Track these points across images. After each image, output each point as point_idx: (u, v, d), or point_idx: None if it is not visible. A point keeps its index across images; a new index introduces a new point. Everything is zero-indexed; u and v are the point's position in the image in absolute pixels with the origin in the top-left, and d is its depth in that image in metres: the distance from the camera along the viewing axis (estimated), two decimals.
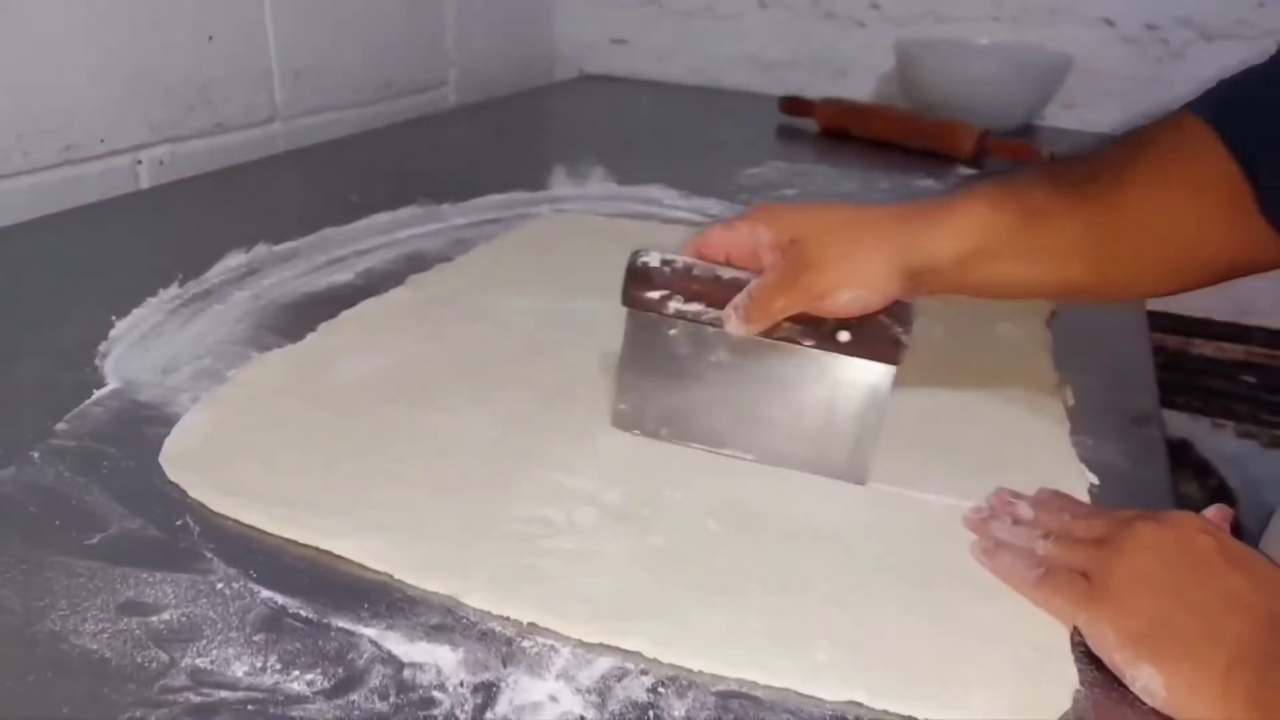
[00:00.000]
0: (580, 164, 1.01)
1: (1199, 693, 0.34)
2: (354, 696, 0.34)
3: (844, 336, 0.48)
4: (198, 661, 0.35)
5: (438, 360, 0.58)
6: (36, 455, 0.47)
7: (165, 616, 0.37)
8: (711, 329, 0.49)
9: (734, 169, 1.05)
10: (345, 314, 0.64)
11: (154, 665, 0.35)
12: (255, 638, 0.36)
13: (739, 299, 0.48)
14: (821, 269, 0.46)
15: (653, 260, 0.50)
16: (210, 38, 0.98)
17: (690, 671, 0.36)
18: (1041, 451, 0.52)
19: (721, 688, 0.35)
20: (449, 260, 0.75)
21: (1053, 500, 0.45)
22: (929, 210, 0.49)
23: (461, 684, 0.35)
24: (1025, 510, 0.44)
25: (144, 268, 0.70)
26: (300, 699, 0.34)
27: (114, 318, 0.61)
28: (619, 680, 0.35)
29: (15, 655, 0.35)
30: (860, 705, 0.35)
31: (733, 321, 0.48)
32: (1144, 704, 0.36)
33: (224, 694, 0.34)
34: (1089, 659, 0.38)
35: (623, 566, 0.41)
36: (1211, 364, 1.32)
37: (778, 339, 0.48)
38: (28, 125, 0.83)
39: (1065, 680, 0.37)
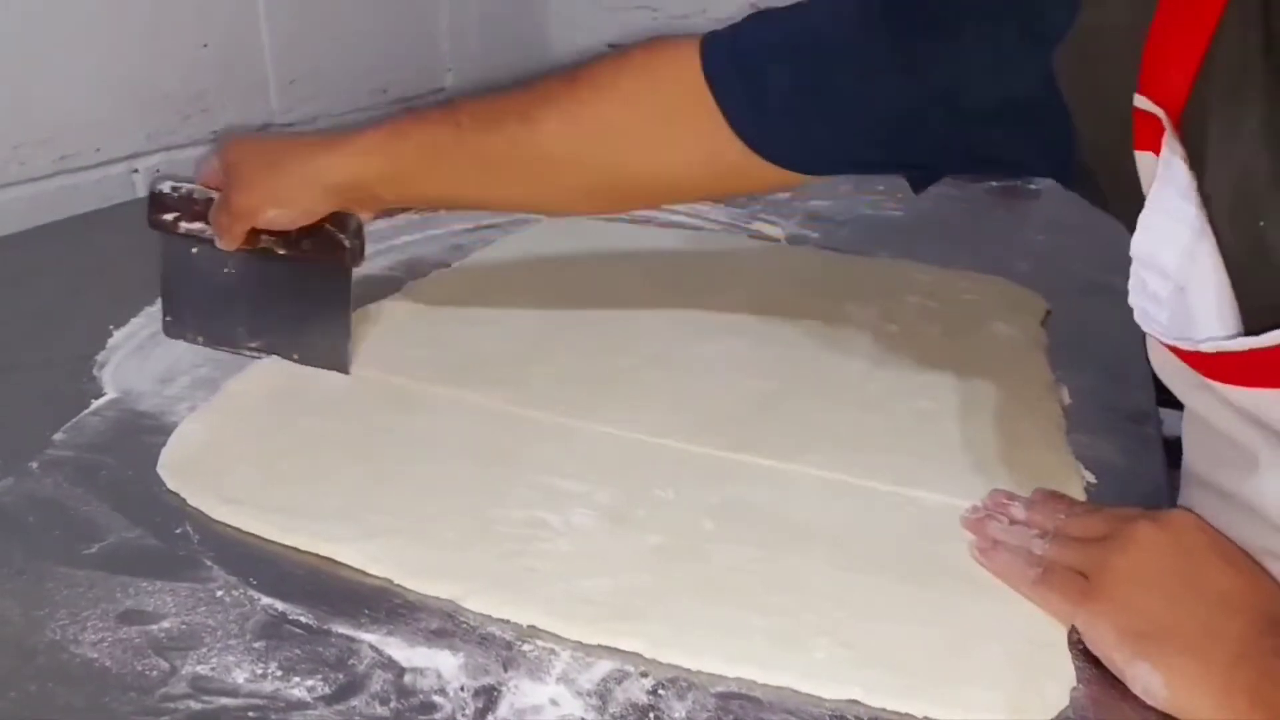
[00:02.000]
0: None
1: (1201, 691, 0.34)
2: (355, 702, 0.34)
3: (306, 245, 0.56)
4: (198, 669, 0.35)
5: (434, 366, 0.59)
6: (35, 465, 0.47)
7: (165, 625, 0.37)
8: (215, 246, 0.57)
9: None
10: None
11: (155, 673, 0.35)
12: (255, 645, 0.36)
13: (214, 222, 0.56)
14: (249, 189, 0.54)
15: (165, 188, 0.58)
16: (205, 46, 0.98)
17: (690, 672, 0.36)
18: (1038, 450, 0.52)
19: (721, 688, 0.36)
20: (446, 266, 0.75)
21: (1046, 500, 0.45)
22: (342, 138, 0.55)
23: (462, 688, 0.35)
24: (1019, 511, 0.45)
25: (141, 277, 0.69)
26: (301, 705, 0.34)
27: (112, 327, 0.62)
28: (619, 683, 0.36)
29: (16, 665, 0.35)
30: (859, 704, 0.35)
31: (218, 238, 0.56)
32: (1141, 702, 0.36)
33: (225, 701, 0.34)
34: (1086, 657, 0.38)
35: (621, 568, 0.41)
36: None
37: (260, 250, 0.56)
38: (23, 135, 0.83)
39: (1063, 678, 0.37)
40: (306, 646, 0.37)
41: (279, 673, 0.35)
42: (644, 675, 0.36)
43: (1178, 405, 0.43)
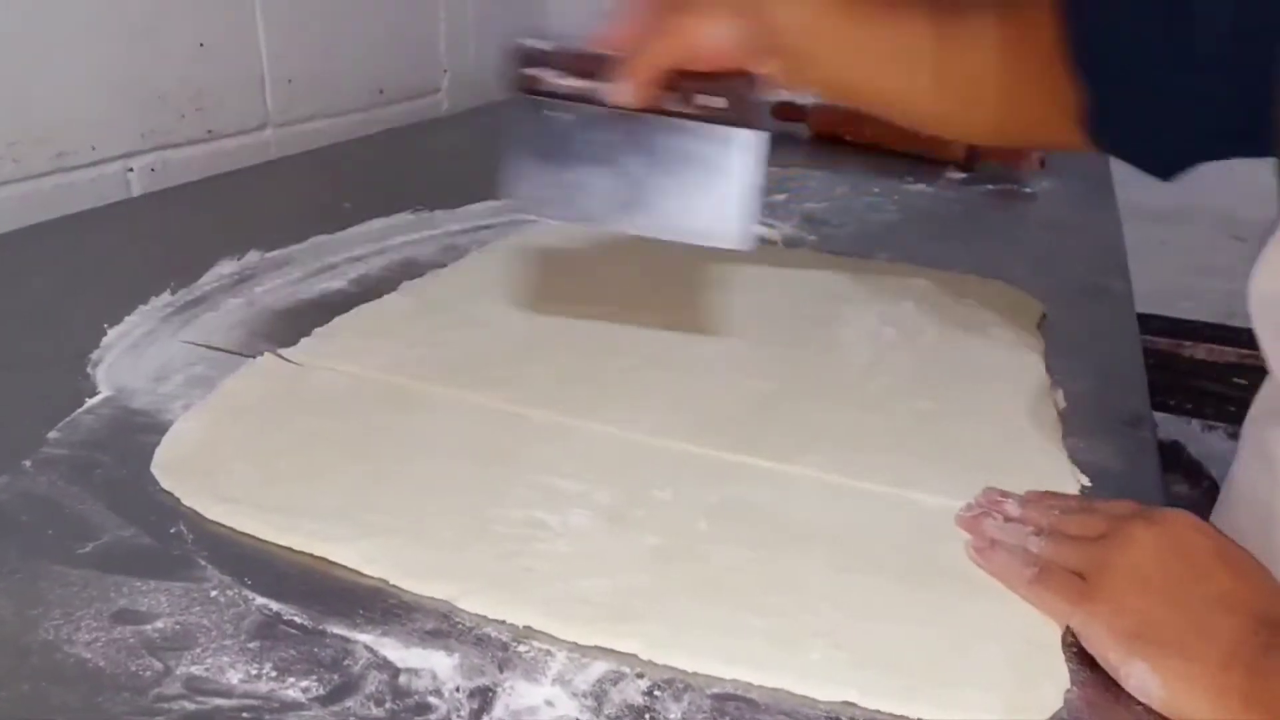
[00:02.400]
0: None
1: (1194, 690, 0.35)
2: (350, 703, 0.34)
3: (719, 103, 0.49)
4: (192, 669, 0.35)
5: (430, 365, 0.58)
6: (29, 464, 0.47)
7: (159, 624, 0.37)
8: (597, 107, 0.49)
9: None
10: (338, 320, 0.64)
11: (148, 674, 0.35)
12: (250, 645, 0.36)
13: (623, 66, 0.48)
14: (688, 9, 0.48)
15: (537, 43, 0.51)
16: (202, 45, 0.98)
17: (686, 674, 0.36)
18: (1033, 453, 0.53)
19: (717, 690, 0.36)
20: (442, 267, 0.75)
21: (1041, 498, 0.45)
22: None
23: (457, 689, 0.35)
24: (1013, 508, 0.45)
25: (136, 275, 0.70)
26: (296, 706, 0.34)
27: (106, 325, 0.61)
28: (615, 684, 0.36)
29: (9, 665, 0.35)
30: (854, 705, 0.35)
31: (614, 90, 0.48)
32: (1136, 703, 0.36)
33: (219, 702, 0.34)
34: (1081, 658, 0.38)
35: (618, 568, 0.41)
36: (1202, 366, 1.32)
37: (659, 111, 0.49)
38: (19, 132, 0.82)
39: (1057, 679, 0.37)
40: (301, 647, 0.36)
41: (274, 673, 0.35)
42: (640, 676, 0.36)
43: (1173, 409, 0.44)
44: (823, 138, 1.26)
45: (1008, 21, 0.52)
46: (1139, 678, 0.36)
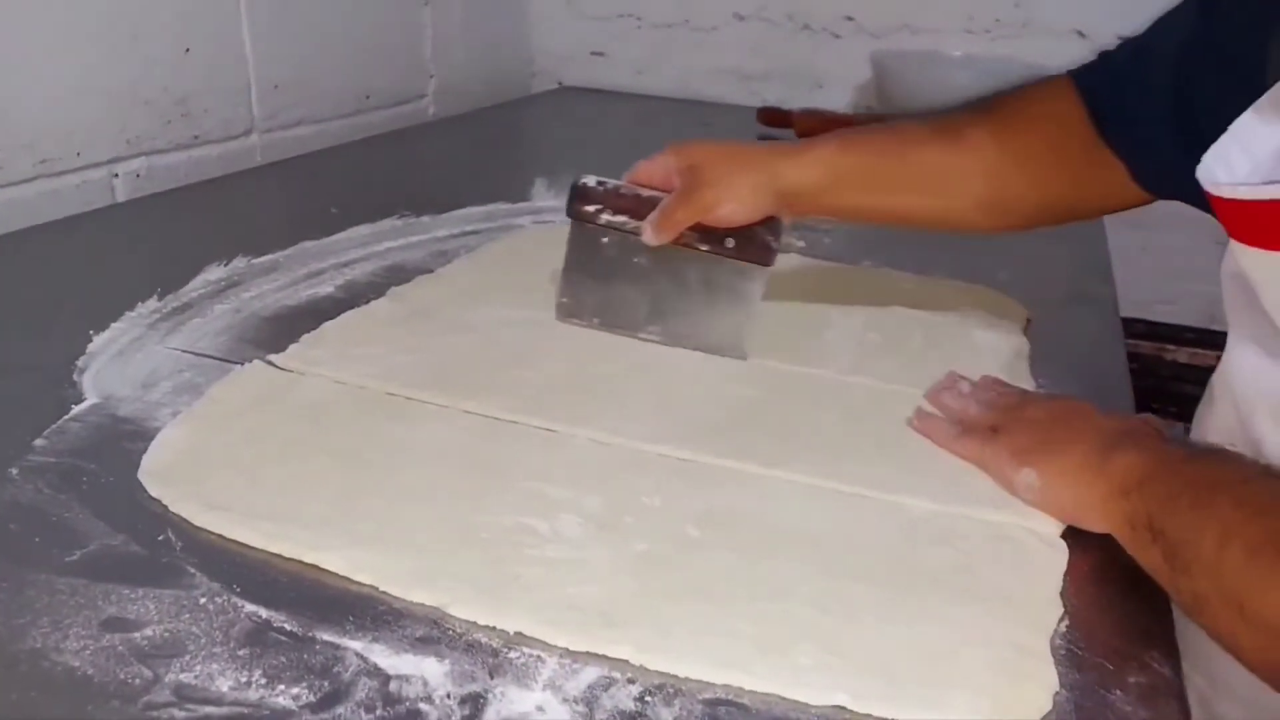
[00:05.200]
0: (560, 175, 1.01)
1: (1063, 477, 0.46)
2: (340, 710, 0.34)
3: (730, 243, 0.62)
4: (182, 677, 0.35)
5: (419, 372, 0.58)
6: (15, 472, 0.47)
7: (148, 632, 0.37)
8: (634, 238, 0.62)
9: None
10: (326, 326, 0.64)
11: (138, 682, 0.35)
12: (240, 652, 0.36)
13: (653, 214, 0.61)
14: (710, 186, 0.60)
15: (591, 182, 0.63)
16: (188, 50, 0.98)
17: (677, 679, 0.36)
18: None
19: (708, 695, 0.36)
20: (430, 272, 0.75)
21: (989, 381, 0.57)
22: (796, 148, 0.63)
23: (448, 696, 0.35)
24: (966, 386, 0.57)
25: (122, 282, 0.69)
26: (286, 713, 0.34)
27: (92, 332, 0.61)
28: (606, 690, 0.36)
29: None
30: (845, 710, 0.35)
31: (647, 231, 0.61)
32: (1124, 706, 0.36)
33: (209, 709, 0.34)
34: (1069, 662, 0.38)
35: (608, 575, 0.41)
36: (1185, 369, 1.33)
37: (682, 245, 0.62)
38: (3, 138, 0.82)
39: (1045, 682, 0.37)
40: (291, 654, 0.36)
41: (263, 681, 0.35)
42: (631, 682, 0.36)
43: (1156, 412, 0.46)
44: None
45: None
46: (1025, 478, 0.47)
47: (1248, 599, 0.37)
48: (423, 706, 0.34)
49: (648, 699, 0.35)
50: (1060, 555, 0.45)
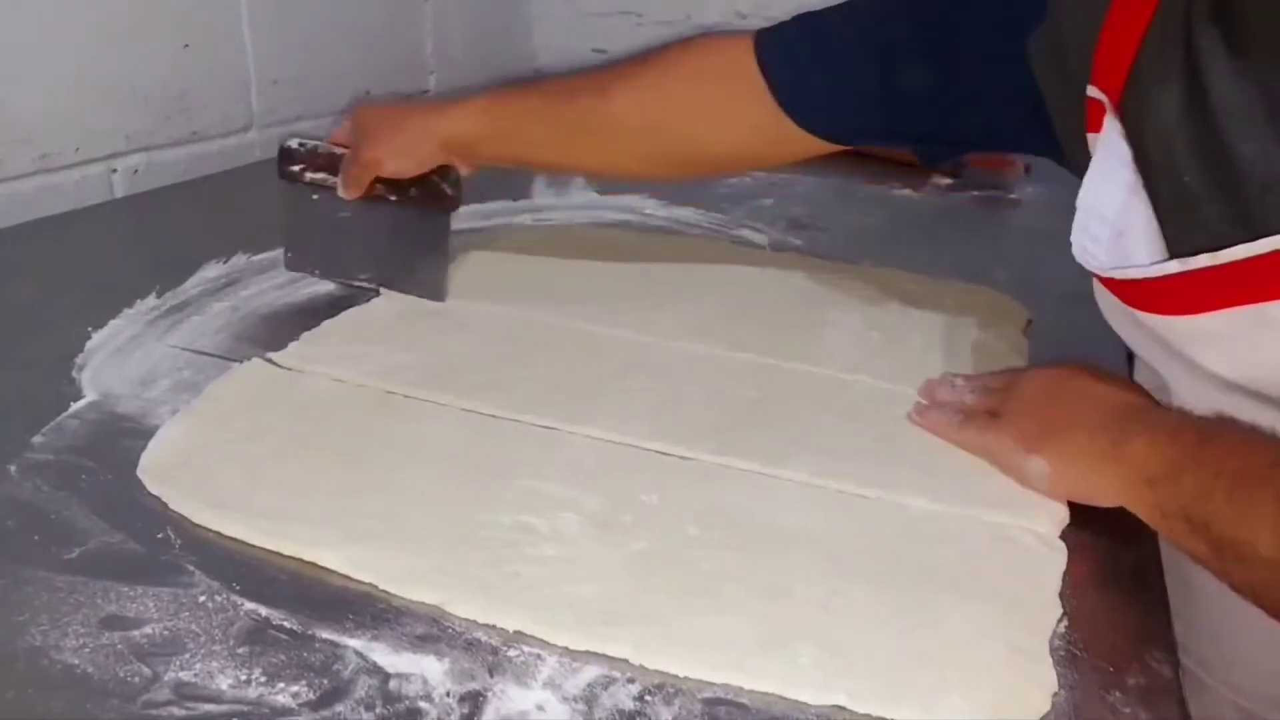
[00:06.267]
0: (560, 173, 1.01)
1: (1075, 462, 0.46)
2: (340, 708, 0.34)
3: (413, 192, 0.67)
4: (181, 675, 0.35)
5: (418, 370, 0.58)
6: (13, 469, 0.47)
7: (148, 630, 0.37)
8: (335, 192, 0.68)
9: (716, 179, 1.05)
10: (326, 324, 0.64)
11: (137, 680, 0.34)
12: (239, 650, 0.36)
13: (343, 171, 0.67)
14: (375, 144, 0.65)
15: (294, 144, 0.69)
16: (187, 46, 0.97)
17: (676, 678, 0.36)
18: None
19: (708, 694, 0.36)
20: None
21: (980, 376, 0.59)
22: (452, 103, 0.67)
23: (448, 694, 0.35)
24: (959, 380, 0.58)
25: (120, 279, 0.69)
26: (285, 711, 0.34)
27: (90, 329, 0.61)
28: (605, 688, 0.36)
29: None
30: (844, 709, 0.35)
31: (341, 187, 0.67)
32: (1122, 708, 0.36)
33: (208, 707, 0.34)
34: (1068, 662, 0.38)
35: (607, 573, 0.41)
36: None
37: (374, 197, 0.67)
38: (2, 133, 0.82)
39: (1044, 683, 0.37)
40: (291, 652, 0.36)
41: (263, 679, 0.35)
42: (630, 681, 0.36)
43: None
44: None
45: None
46: (1035, 466, 0.47)
47: None
48: (422, 704, 0.34)
49: (647, 698, 0.35)
50: (1059, 556, 0.45)
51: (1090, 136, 0.48)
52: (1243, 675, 0.49)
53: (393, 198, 0.67)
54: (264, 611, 0.38)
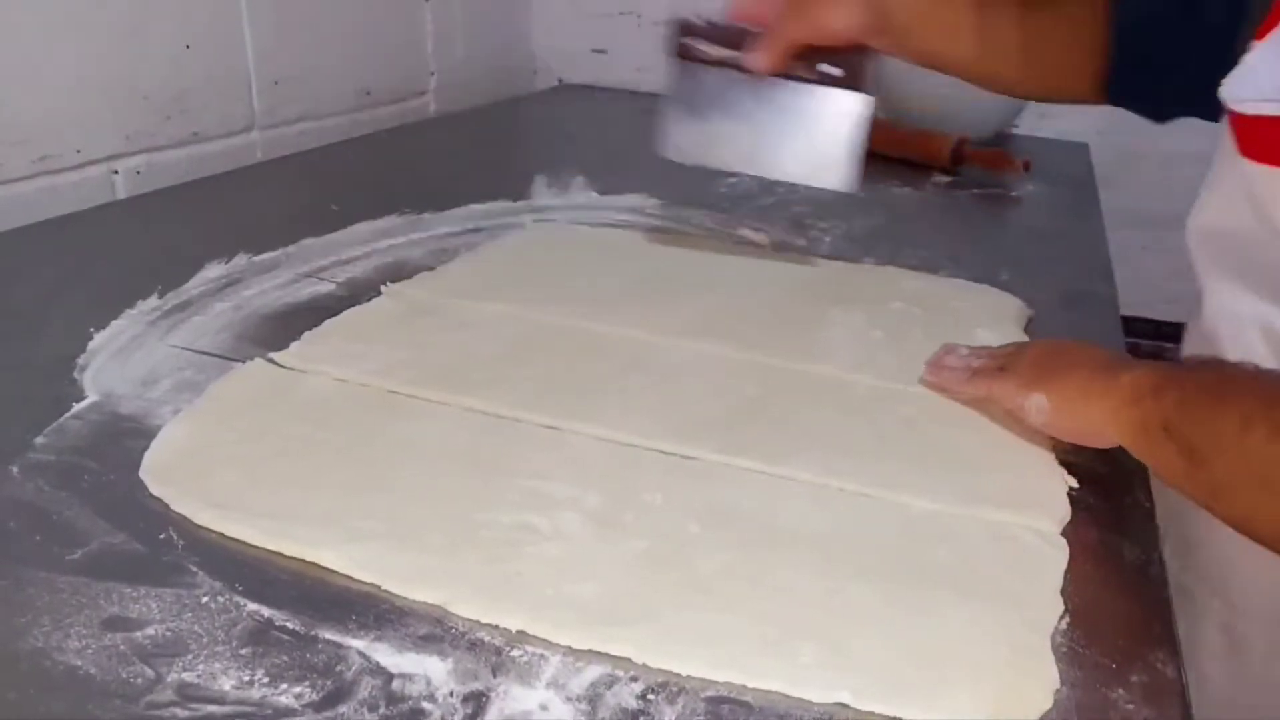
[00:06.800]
0: (561, 173, 1.01)
1: (1070, 400, 0.50)
2: (343, 709, 0.34)
3: (835, 71, 0.64)
4: (184, 676, 0.35)
5: (420, 369, 0.58)
6: (16, 470, 0.47)
7: (150, 631, 0.37)
8: (737, 71, 0.64)
9: (714, 178, 1.05)
10: (328, 324, 0.64)
11: (140, 681, 0.35)
12: (242, 651, 0.36)
13: (760, 38, 0.64)
14: (812, 2, 0.64)
15: (692, 17, 0.65)
16: (188, 46, 0.98)
17: (680, 677, 0.36)
18: (1021, 455, 0.53)
19: (711, 693, 0.36)
20: (431, 269, 0.75)
21: (987, 347, 0.62)
22: None
23: (451, 694, 0.35)
24: (964, 349, 0.61)
25: (122, 279, 0.69)
26: (289, 712, 0.34)
27: (92, 330, 0.61)
28: (609, 688, 0.36)
29: None
30: (847, 707, 0.35)
31: (752, 58, 0.64)
32: (1125, 703, 0.36)
33: (211, 708, 0.34)
34: (1070, 659, 0.38)
35: (609, 572, 0.41)
36: None
37: (784, 76, 0.64)
38: (2, 135, 0.82)
39: (1046, 680, 0.37)
40: (294, 653, 0.36)
41: (266, 679, 0.35)
42: (634, 680, 0.36)
43: None
44: None
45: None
46: (1035, 402, 0.51)
47: (1272, 473, 0.40)
48: (426, 705, 0.34)
49: (650, 697, 0.35)
50: (1061, 553, 0.45)
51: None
52: (1233, 589, 0.55)
53: (805, 76, 0.64)
54: (267, 612, 0.38)
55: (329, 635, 0.37)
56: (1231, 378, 0.46)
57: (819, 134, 0.65)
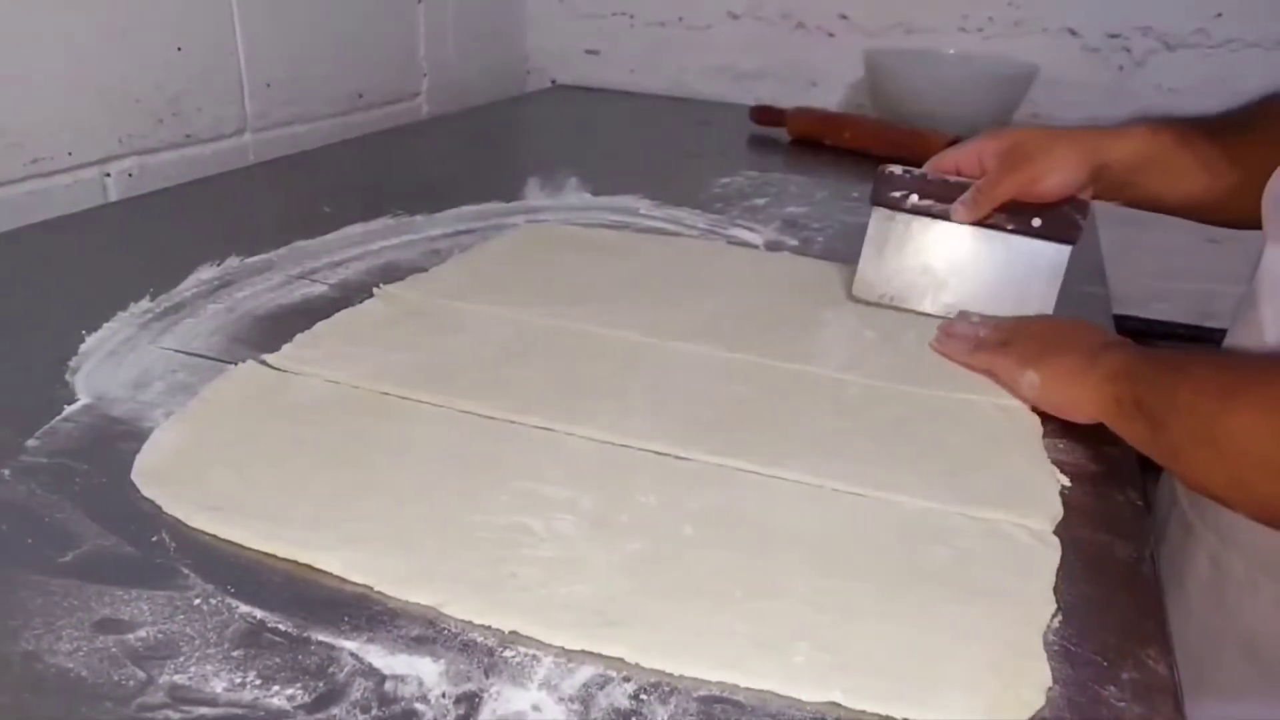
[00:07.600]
0: (554, 174, 1.01)
1: (1060, 377, 0.55)
2: (335, 710, 0.34)
3: (1036, 222, 0.66)
4: (176, 678, 0.35)
5: (413, 371, 0.58)
6: (7, 473, 0.46)
7: (142, 633, 0.37)
8: (939, 221, 0.68)
9: (706, 178, 1.06)
10: (319, 326, 0.64)
11: (131, 683, 0.34)
12: (234, 653, 0.36)
13: (965, 195, 0.67)
14: (1035, 160, 0.65)
15: (896, 169, 0.69)
16: (179, 49, 0.97)
17: (672, 677, 0.36)
18: (1015, 454, 0.53)
19: (703, 693, 0.36)
20: (423, 271, 0.75)
21: (994, 317, 0.65)
22: (1106, 129, 0.67)
23: (444, 695, 0.35)
24: (975, 317, 0.65)
25: (114, 281, 0.69)
26: (281, 714, 0.34)
27: (84, 332, 0.61)
28: (601, 688, 0.36)
29: None
30: (839, 706, 0.35)
31: (960, 210, 0.67)
32: (1117, 703, 0.36)
33: (203, 711, 0.33)
34: (1063, 658, 0.38)
35: (603, 573, 0.41)
36: None
37: (988, 226, 0.67)
38: None
39: (1039, 679, 0.37)
40: (286, 654, 0.36)
41: (258, 681, 0.35)
42: (626, 680, 0.36)
43: None
44: (802, 142, 1.27)
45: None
46: (1028, 378, 0.56)
47: (1219, 429, 0.43)
48: (418, 706, 0.34)
49: (643, 697, 0.35)
50: (1053, 552, 0.45)
51: None
52: (1223, 522, 0.57)
53: (1010, 227, 0.67)
54: (259, 614, 0.38)
55: (321, 637, 0.37)
56: (1197, 356, 0.50)
57: (1019, 281, 0.67)
